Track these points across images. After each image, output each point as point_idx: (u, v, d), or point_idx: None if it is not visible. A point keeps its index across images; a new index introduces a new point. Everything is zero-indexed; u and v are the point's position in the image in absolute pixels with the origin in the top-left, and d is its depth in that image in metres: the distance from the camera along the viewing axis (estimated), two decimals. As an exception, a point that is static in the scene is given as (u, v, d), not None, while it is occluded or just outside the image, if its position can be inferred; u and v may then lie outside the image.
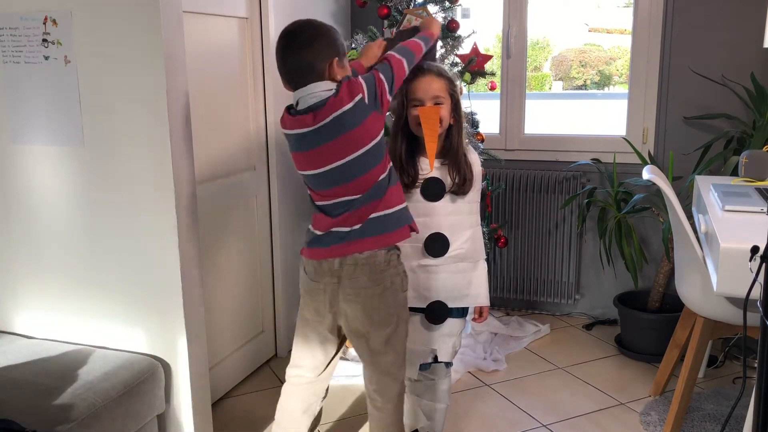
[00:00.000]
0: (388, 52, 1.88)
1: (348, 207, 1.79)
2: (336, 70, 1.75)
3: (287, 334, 3.25)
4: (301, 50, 1.74)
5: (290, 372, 2.02)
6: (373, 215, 1.79)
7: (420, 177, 2.01)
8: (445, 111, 1.97)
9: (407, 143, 2.04)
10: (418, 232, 1.90)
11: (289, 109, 1.82)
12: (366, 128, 1.73)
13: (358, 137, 1.72)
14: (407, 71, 1.87)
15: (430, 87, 1.97)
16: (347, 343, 3.10)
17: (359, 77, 1.76)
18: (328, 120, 1.71)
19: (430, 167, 1.98)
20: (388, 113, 2.01)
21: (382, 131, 1.78)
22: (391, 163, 1.85)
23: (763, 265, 1.42)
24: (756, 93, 3.03)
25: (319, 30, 1.78)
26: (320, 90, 1.73)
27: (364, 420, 2.67)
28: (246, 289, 2.99)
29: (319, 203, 1.84)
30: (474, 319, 2.14)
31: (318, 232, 1.84)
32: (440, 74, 2.01)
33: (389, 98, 1.80)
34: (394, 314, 1.86)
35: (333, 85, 1.74)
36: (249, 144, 2.95)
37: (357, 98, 1.71)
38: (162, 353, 2.15)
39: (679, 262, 2.53)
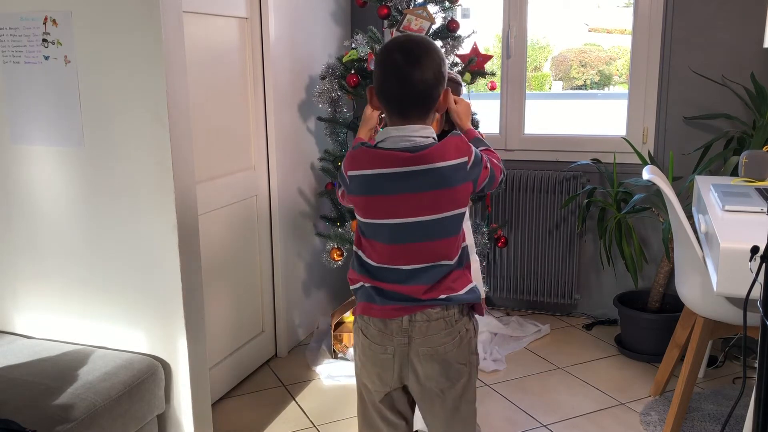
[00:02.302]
0: (487, 157, 1.64)
1: (430, 275, 1.56)
2: (443, 102, 1.58)
3: (287, 334, 3.25)
4: (424, 71, 1.50)
5: None
6: (468, 287, 1.61)
7: None
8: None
9: None
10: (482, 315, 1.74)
11: (363, 144, 1.59)
12: (463, 191, 1.55)
13: (456, 197, 1.54)
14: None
15: None
16: (346, 343, 3.12)
17: (467, 142, 1.59)
18: (430, 167, 1.49)
19: None
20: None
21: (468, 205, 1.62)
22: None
23: (763, 265, 1.41)
24: (756, 93, 3.03)
25: (437, 51, 1.54)
26: (417, 135, 1.53)
27: (364, 420, 2.67)
28: (246, 290, 2.99)
29: (377, 264, 1.58)
30: None
31: (381, 287, 1.59)
32: None
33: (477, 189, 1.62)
34: (467, 363, 1.64)
35: (432, 133, 1.55)
36: (249, 144, 2.95)
37: (462, 159, 1.52)
38: (162, 353, 2.15)
39: (679, 262, 2.53)
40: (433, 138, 1.55)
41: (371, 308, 1.61)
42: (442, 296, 1.57)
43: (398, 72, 1.51)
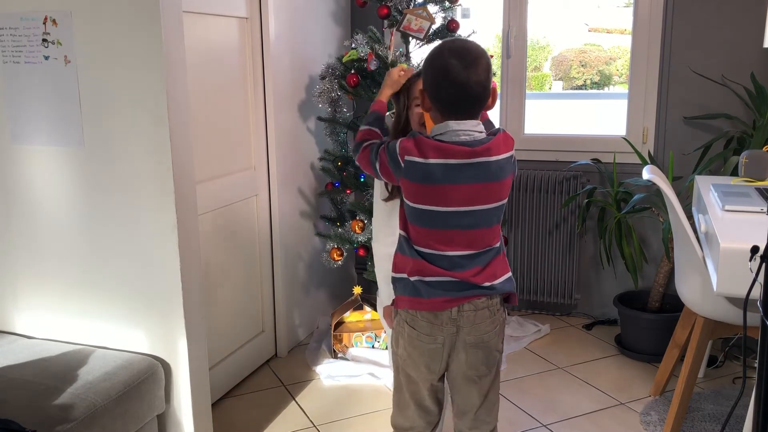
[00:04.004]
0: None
1: (477, 261, 1.66)
2: (491, 100, 1.67)
3: (287, 334, 3.25)
4: (481, 74, 1.59)
5: None
6: (507, 275, 1.72)
7: None
8: None
9: None
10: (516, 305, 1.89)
11: (420, 134, 1.67)
12: (509, 182, 1.67)
13: (505, 188, 1.66)
14: None
15: None
16: (346, 343, 3.12)
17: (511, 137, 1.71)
18: (486, 160, 1.60)
19: None
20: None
21: None
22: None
23: (763, 265, 1.41)
24: (756, 93, 3.03)
25: (485, 52, 1.64)
26: (475, 130, 1.61)
27: (364, 420, 2.67)
28: (246, 289, 2.99)
29: (425, 250, 1.66)
30: None
31: (428, 279, 1.66)
32: None
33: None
34: (501, 351, 1.76)
35: (482, 127, 1.64)
36: (249, 144, 2.96)
37: (510, 153, 1.65)
38: (162, 353, 2.15)
39: (679, 262, 2.53)
40: (485, 133, 1.64)
41: (419, 302, 1.68)
42: (487, 283, 1.67)
43: (457, 76, 1.58)
